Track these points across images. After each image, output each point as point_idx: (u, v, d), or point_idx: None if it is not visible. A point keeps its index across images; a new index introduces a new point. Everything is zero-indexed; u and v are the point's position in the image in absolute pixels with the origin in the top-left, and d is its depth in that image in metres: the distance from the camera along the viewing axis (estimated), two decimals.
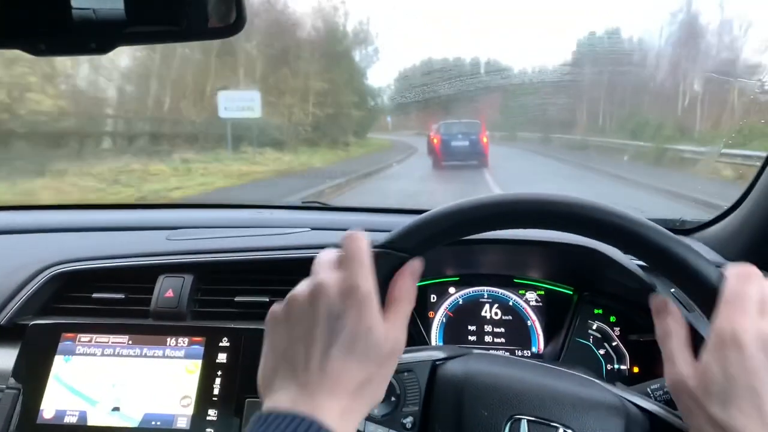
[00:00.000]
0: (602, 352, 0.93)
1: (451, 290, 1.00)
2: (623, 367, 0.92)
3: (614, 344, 0.93)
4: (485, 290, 1.00)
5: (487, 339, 0.98)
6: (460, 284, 1.00)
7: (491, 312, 0.99)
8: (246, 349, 0.81)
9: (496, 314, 0.99)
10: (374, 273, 0.47)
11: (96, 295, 0.92)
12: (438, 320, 0.99)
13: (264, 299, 0.90)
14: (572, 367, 0.69)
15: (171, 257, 0.94)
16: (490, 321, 0.99)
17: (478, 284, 1.00)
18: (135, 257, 0.95)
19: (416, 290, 0.50)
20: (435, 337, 0.98)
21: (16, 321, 0.88)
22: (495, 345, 0.98)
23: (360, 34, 13.63)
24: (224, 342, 0.81)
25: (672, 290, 0.78)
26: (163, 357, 0.81)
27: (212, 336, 0.82)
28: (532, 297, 0.99)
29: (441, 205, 0.52)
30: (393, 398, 0.64)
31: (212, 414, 0.77)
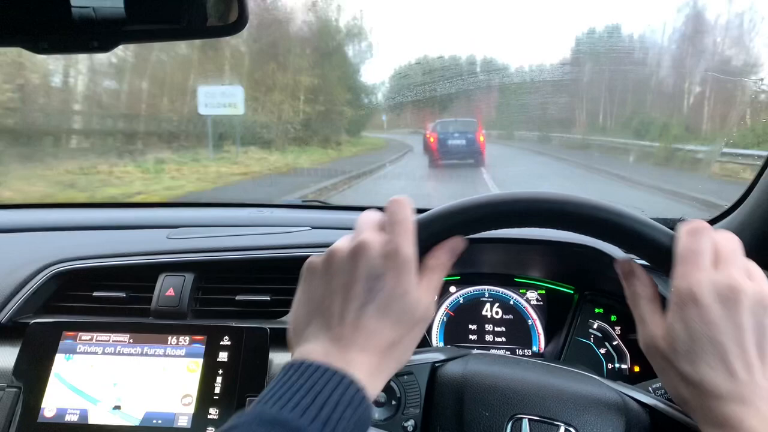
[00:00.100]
0: (603, 351, 0.93)
1: (452, 289, 1.00)
2: (624, 366, 0.92)
3: (615, 343, 0.93)
4: (486, 289, 1.00)
5: (488, 338, 0.98)
6: (461, 283, 1.00)
7: (492, 311, 0.99)
8: (247, 348, 0.81)
9: (497, 313, 0.99)
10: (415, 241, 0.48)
11: (97, 294, 0.92)
12: (439, 319, 0.99)
13: (265, 298, 0.90)
14: (573, 366, 0.69)
15: (172, 256, 0.95)
16: (491, 320, 0.99)
17: (479, 283, 1.00)
18: (136, 256, 0.95)
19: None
20: (436, 337, 0.98)
21: (17, 320, 0.89)
22: (496, 344, 0.98)
23: (353, 29, 13.36)
24: (225, 340, 0.81)
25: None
26: (164, 356, 0.81)
27: (213, 334, 0.82)
28: (533, 296, 0.99)
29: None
30: (393, 402, 0.64)
31: (213, 412, 0.77)
